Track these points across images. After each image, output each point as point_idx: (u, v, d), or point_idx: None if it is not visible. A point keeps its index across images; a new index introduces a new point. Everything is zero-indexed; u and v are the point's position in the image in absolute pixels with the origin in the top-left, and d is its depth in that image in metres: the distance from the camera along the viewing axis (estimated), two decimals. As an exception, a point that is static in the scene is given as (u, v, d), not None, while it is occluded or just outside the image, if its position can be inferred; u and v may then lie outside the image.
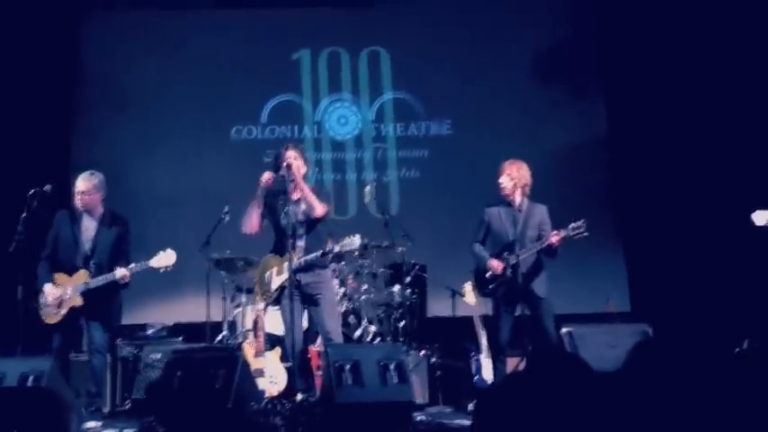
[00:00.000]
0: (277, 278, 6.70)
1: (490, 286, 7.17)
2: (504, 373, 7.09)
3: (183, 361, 6.04)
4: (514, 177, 7.15)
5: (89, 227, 7.11)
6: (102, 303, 7.01)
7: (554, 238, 6.92)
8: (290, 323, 6.56)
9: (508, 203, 7.23)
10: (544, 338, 6.90)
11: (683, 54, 10.20)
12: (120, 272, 6.89)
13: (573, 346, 6.55)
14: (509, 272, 6.96)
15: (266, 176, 6.83)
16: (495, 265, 7.09)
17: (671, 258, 9.75)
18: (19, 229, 6.71)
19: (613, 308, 9.02)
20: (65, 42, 10.85)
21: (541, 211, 7.28)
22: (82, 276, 6.93)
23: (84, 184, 7.07)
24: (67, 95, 10.86)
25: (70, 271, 6.98)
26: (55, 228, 7.11)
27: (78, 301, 6.88)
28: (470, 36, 11.17)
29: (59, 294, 6.89)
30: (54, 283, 6.94)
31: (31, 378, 5.85)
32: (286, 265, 6.54)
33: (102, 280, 6.90)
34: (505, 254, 7.05)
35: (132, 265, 6.98)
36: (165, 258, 7.06)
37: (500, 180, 7.21)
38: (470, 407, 7.51)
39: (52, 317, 6.91)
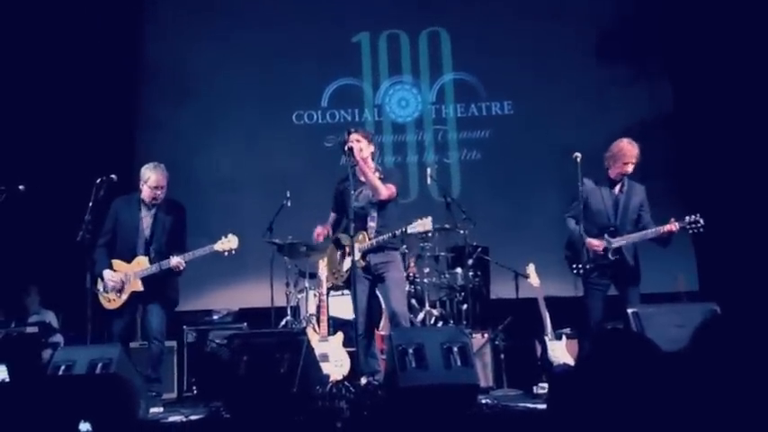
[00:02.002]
0: (348, 259, 6.71)
1: (588, 266, 7.04)
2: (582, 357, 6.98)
3: (249, 346, 6.07)
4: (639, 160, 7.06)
5: (147, 214, 7.20)
6: (161, 289, 7.12)
7: (669, 226, 6.83)
8: (356, 305, 6.59)
9: (610, 183, 7.14)
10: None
11: (751, 29, 9.95)
12: (175, 260, 6.96)
13: (639, 326, 6.46)
14: (611, 255, 6.88)
15: (318, 232, 7.06)
16: (597, 244, 6.96)
17: (740, 237, 9.56)
18: (86, 218, 6.79)
19: (682, 286, 8.88)
20: (126, 32, 11.00)
21: (641, 192, 7.17)
22: (141, 263, 7.03)
23: (162, 178, 7.15)
24: (130, 84, 11.01)
25: (128, 258, 7.08)
26: (113, 215, 7.18)
27: (139, 286, 6.99)
28: (531, 14, 11.04)
29: (120, 279, 7.00)
30: (113, 270, 7.04)
31: (99, 365, 5.91)
32: (357, 246, 6.59)
33: (158, 267, 6.99)
34: (606, 236, 6.94)
35: (188, 253, 7.04)
36: (228, 243, 7.12)
37: (630, 168, 7.07)
38: (535, 389, 7.49)
39: (113, 302, 7.01)
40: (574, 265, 7.11)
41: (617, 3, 11.01)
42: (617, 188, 7.11)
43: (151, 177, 7.12)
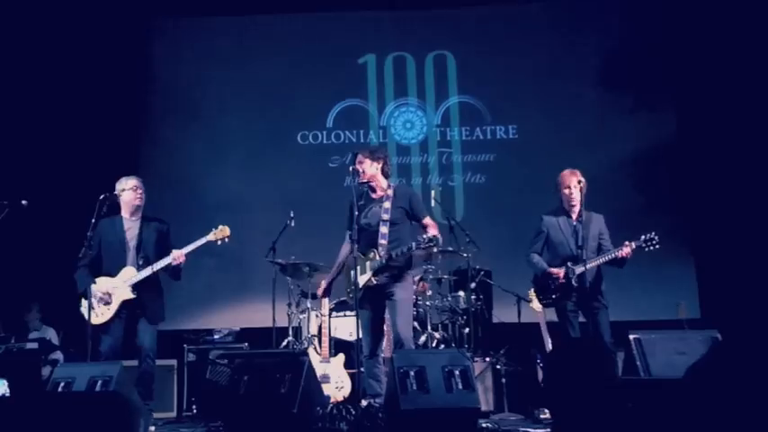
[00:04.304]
0: (361, 278, 6.65)
1: (553, 296, 7.14)
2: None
3: (250, 365, 6.05)
4: (581, 187, 7.09)
5: (132, 227, 7.15)
6: (152, 301, 7.03)
7: (626, 249, 6.87)
8: (365, 324, 6.60)
9: (567, 213, 7.22)
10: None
11: (755, 61, 10.02)
12: (175, 252, 6.89)
13: (641, 353, 6.45)
14: (574, 281, 6.93)
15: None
16: (556, 271, 7.08)
17: (742, 265, 9.57)
18: (88, 234, 6.75)
19: (684, 313, 8.87)
20: (134, 52, 11.07)
21: (599, 221, 7.27)
22: (129, 272, 6.93)
23: (138, 182, 7.19)
24: (136, 104, 11.06)
25: (115, 273, 6.97)
26: (98, 235, 7.00)
27: (129, 294, 6.86)
28: (537, 40, 11.11)
29: (106, 290, 6.85)
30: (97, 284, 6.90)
31: (99, 382, 5.87)
32: (369, 264, 6.58)
33: (155, 267, 6.91)
34: (569, 264, 7.02)
35: (189, 246, 6.98)
36: (220, 232, 7.09)
37: (569, 191, 7.14)
38: (536, 414, 7.48)
39: (102, 315, 6.84)
40: (541, 297, 7.42)
41: (622, 31, 11.04)
42: (574, 217, 7.19)
43: (129, 182, 7.15)
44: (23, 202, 6.91)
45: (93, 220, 6.80)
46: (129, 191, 7.14)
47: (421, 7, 11.28)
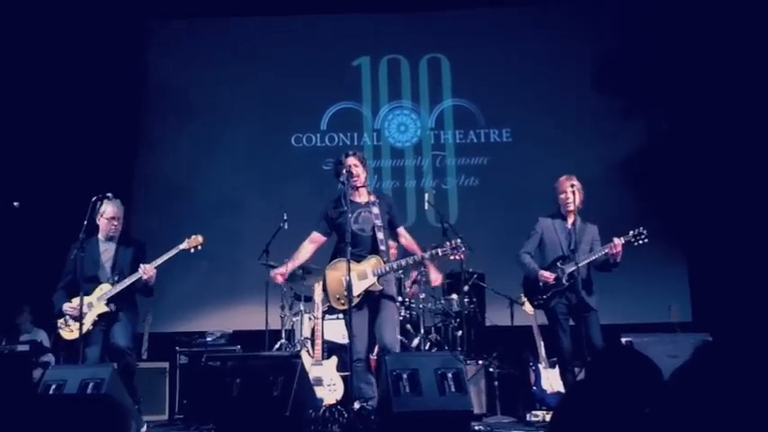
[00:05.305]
0: (360, 283, 6.61)
1: (543, 297, 7.11)
2: (573, 383, 7.00)
3: (242, 368, 6.04)
4: (577, 192, 7.09)
5: (108, 249, 7.09)
6: (125, 307, 6.96)
7: (615, 241, 6.85)
8: (351, 329, 6.56)
9: (563, 217, 7.23)
10: (593, 349, 6.82)
11: (747, 64, 10.05)
12: (144, 267, 6.79)
13: (633, 356, 6.45)
14: (565, 280, 6.92)
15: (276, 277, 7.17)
16: (547, 275, 7.06)
17: (733, 268, 9.60)
18: (81, 236, 6.72)
19: (675, 317, 8.89)
20: (128, 54, 11.04)
21: (593, 230, 7.28)
22: (104, 288, 6.88)
23: (118, 210, 7.11)
24: (131, 106, 11.04)
25: (91, 292, 6.88)
26: (72, 257, 6.94)
27: (104, 308, 6.82)
28: (531, 44, 11.12)
29: (80, 308, 6.71)
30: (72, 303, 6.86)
31: (91, 385, 5.85)
32: (370, 270, 6.59)
33: (127, 281, 6.84)
34: (559, 263, 7.01)
35: (157, 259, 6.89)
36: (194, 240, 7.04)
37: (566, 195, 7.13)
38: (528, 417, 7.48)
39: (76, 331, 6.73)
40: (531, 297, 7.41)
41: (616, 35, 11.05)
42: (569, 221, 7.20)
43: (107, 209, 7.05)
44: (15, 203, 6.88)
45: (86, 222, 6.77)
46: (103, 219, 7.07)
47: (415, 10, 11.28)
